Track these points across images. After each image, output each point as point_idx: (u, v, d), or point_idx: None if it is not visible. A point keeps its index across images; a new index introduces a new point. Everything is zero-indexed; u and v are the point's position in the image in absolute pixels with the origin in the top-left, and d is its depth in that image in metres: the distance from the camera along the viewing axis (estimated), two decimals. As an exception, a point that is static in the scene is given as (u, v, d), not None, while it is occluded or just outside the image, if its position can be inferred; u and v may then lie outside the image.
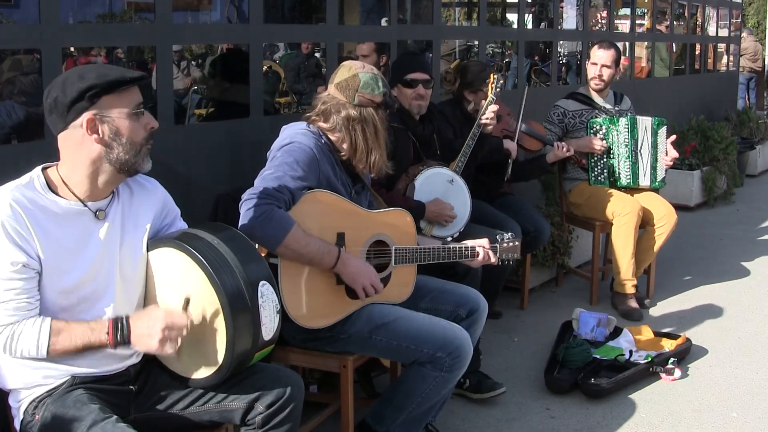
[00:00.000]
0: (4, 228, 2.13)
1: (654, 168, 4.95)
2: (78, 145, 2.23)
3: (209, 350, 2.32)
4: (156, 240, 2.41)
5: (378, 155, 2.95)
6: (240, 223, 2.68)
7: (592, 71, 4.99)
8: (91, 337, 2.21)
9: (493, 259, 3.18)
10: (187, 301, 2.29)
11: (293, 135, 2.92)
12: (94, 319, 2.26)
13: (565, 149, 4.70)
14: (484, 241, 3.18)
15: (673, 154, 4.97)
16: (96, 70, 2.23)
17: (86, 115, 2.20)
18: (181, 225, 2.53)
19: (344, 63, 3.03)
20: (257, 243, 2.68)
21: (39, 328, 2.17)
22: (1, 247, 2.13)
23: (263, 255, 2.74)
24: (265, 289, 2.32)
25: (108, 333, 2.21)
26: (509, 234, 3.28)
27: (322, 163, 2.88)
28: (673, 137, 5.00)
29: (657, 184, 4.98)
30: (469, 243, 3.16)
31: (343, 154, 2.96)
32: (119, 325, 2.22)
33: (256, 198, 2.69)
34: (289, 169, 2.79)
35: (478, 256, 3.14)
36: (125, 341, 2.23)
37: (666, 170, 5.01)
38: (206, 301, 2.28)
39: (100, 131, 2.21)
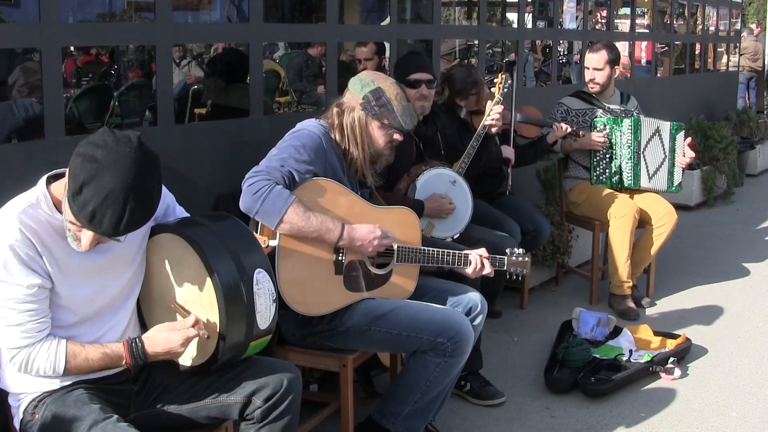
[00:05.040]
0: (15, 252, 2.14)
1: (671, 173, 4.95)
2: None
3: (203, 336, 2.33)
4: (156, 226, 2.44)
5: (355, 153, 2.97)
6: (241, 200, 2.73)
7: (586, 75, 5.00)
8: (109, 363, 2.27)
9: (487, 269, 3.13)
10: (181, 308, 2.33)
11: (305, 124, 3.00)
12: (106, 342, 2.30)
13: (564, 128, 4.69)
14: (481, 251, 3.14)
15: (690, 154, 4.96)
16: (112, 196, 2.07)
17: None
18: (179, 210, 2.56)
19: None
20: (258, 219, 2.73)
21: (55, 352, 2.20)
22: (17, 271, 2.14)
23: (267, 235, 2.76)
24: (260, 276, 2.33)
25: (125, 359, 2.27)
26: (520, 249, 3.25)
27: (329, 154, 2.92)
28: (689, 140, 5.00)
29: (674, 189, 4.97)
30: (465, 251, 3.13)
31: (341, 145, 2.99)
32: (134, 349, 2.28)
33: (257, 176, 2.74)
34: (295, 151, 2.83)
35: (470, 264, 3.10)
36: (143, 360, 2.30)
37: (682, 173, 5.00)
38: (203, 286, 2.30)
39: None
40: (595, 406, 3.67)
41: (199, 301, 2.33)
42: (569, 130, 4.69)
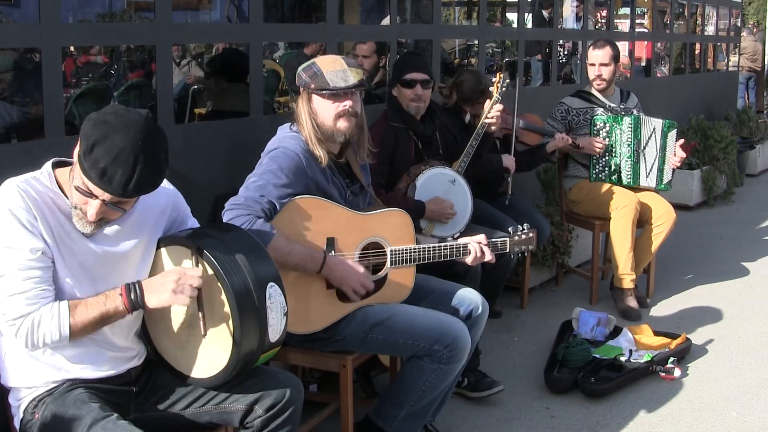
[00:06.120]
0: (16, 217, 2.14)
1: (661, 170, 4.95)
2: None
3: (216, 349, 2.32)
4: (167, 237, 2.41)
5: (310, 141, 2.90)
6: None
7: (592, 72, 4.99)
8: (107, 304, 2.21)
9: (488, 257, 3.09)
10: (198, 253, 2.28)
11: (281, 139, 2.94)
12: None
13: (564, 139, 4.69)
14: (480, 237, 3.11)
15: (681, 154, 4.97)
16: (125, 153, 2.09)
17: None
18: (192, 222, 2.53)
19: None
20: None
21: (58, 311, 2.17)
22: (18, 235, 2.14)
23: None
24: (273, 290, 2.31)
25: (121, 295, 2.22)
26: (525, 225, 3.22)
27: (309, 168, 2.87)
28: (681, 141, 5.00)
29: (663, 186, 4.97)
30: (462, 240, 3.11)
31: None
32: (131, 288, 2.23)
33: (236, 209, 2.72)
34: (273, 176, 2.79)
35: (469, 253, 3.07)
36: (139, 303, 2.23)
37: (673, 172, 5.00)
38: (215, 299, 2.28)
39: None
40: (595, 406, 3.67)
41: (212, 314, 2.30)
42: (569, 141, 4.70)
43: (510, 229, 3.19)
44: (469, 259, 3.08)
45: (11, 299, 2.14)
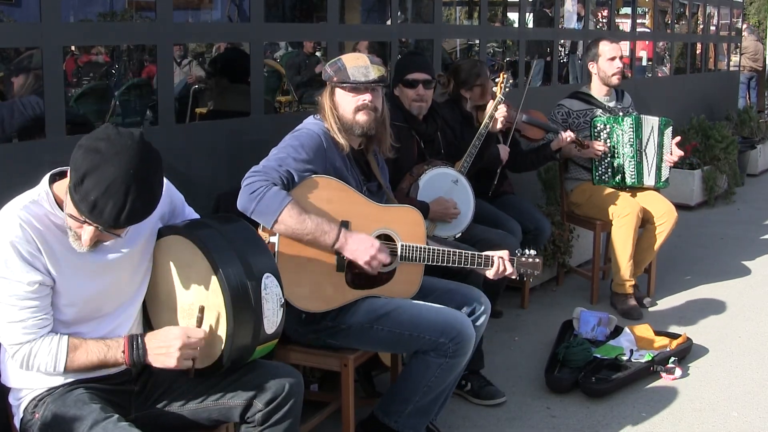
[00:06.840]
0: (16, 249, 2.14)
1: (659, 168, 4.94)
2: None
3: (210, 339, 2.32)
4: (166, 227, 2.43)
5: (331, 131, 2.98)
6: (238, 200, 2.76)
7: (612, 67, 4.89)
8: (107, 354, 2.25)
9: (509, 271, 3.12)
10: (201, 310, 2.30)
11: (305, 123, 3.04)
12: (106, 337, 2.28)
13: (568, 136, 4.68)
14: (504, 253, 3.13)
15: (678, 152, 4.96)
16: (113, 183, 2.04)
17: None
18: (189, 211, 2.55)
19: None
20: (254, 219, 2.74)
21: (57, 346, 2.20)
22: (17, 268, 2.14)
23: (268, 232, 2.78)
24: (269, 281, 2.33)
25: (124, 352, 2.25)
26: (532, 250, 3.22)
27: (329, 151, 2.94)
28: (678, 138, 5.00)
29: (661, 184, 4.97)
30: (486, 252, 3.12)
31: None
32: (135, 344, 2.26)
33: (255, 176, 2.78)
34: (293, 151, 2.85)
35: (492, 265, 3.10)
36: (141, 360, 2.26)
37: (669, 170, 5.00)
38: (210, 289, 2.30)
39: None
40: (595, 406, 3.67)
41: (206, 303, 2.32)
42: (573, 138, 4.68)
43: (517, 251, 3.20)
44: (491, 273, 3.11)
45: (9, 326, 2.17)
